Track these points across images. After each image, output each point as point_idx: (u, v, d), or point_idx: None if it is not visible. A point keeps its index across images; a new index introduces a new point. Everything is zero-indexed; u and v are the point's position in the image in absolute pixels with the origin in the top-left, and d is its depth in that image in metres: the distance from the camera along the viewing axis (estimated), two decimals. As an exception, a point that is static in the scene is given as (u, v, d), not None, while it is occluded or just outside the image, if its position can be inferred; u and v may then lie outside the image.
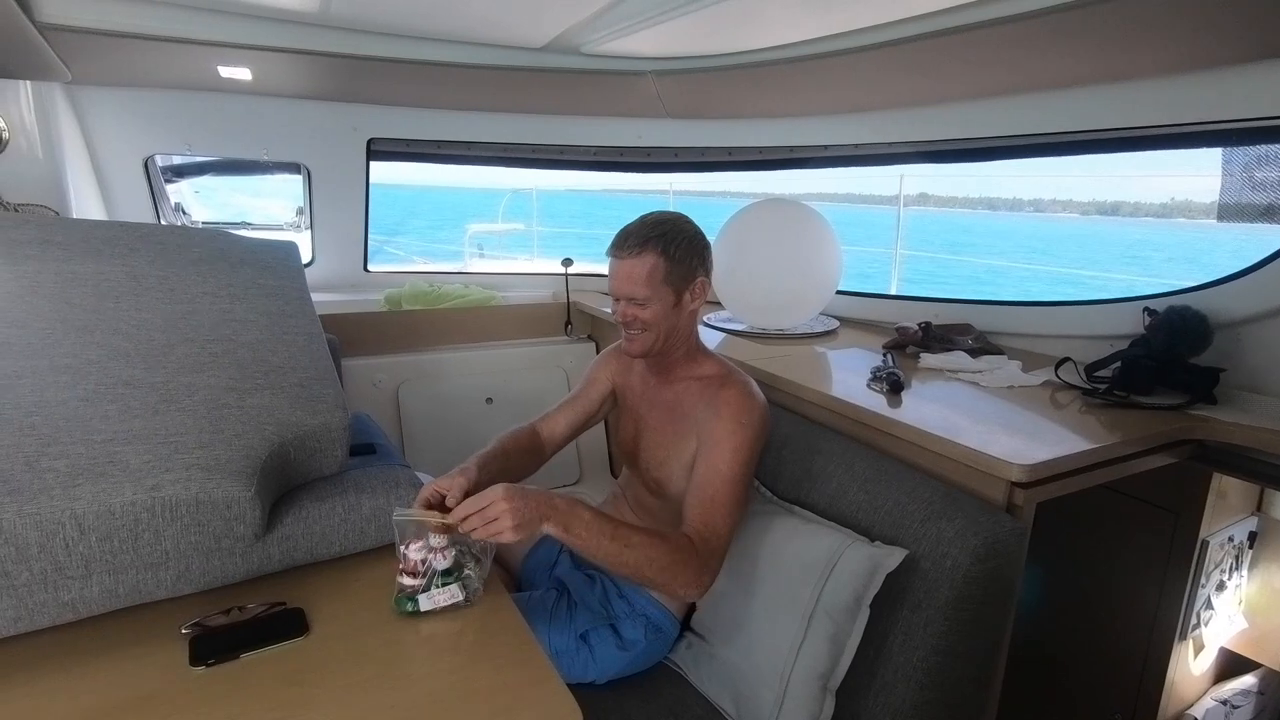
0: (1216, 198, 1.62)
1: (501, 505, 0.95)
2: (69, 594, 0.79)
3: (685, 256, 1.26)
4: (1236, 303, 1.53)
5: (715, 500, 1.15)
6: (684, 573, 1.07)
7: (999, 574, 1.08)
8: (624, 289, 1.27)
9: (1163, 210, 41.82)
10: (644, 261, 1.24)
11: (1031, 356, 1.82)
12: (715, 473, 1.18)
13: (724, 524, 1.14)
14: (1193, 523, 1.51)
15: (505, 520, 0.94)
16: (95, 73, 2.07)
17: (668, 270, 1.25)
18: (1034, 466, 1.13)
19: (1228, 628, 1.65)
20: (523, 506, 0.96)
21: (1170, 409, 1.42)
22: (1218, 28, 1.36)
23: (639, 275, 1.24)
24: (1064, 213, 55.22)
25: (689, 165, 2.84)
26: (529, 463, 1.41)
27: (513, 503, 0.95)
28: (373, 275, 2.83)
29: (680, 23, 1.71)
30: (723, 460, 1.19)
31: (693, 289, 1.29)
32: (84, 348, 1.01)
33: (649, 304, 1.26)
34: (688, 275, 1.28)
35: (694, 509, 1.15)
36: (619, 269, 1.27)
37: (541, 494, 1.01)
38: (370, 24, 1.89)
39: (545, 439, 1.45)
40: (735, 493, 1.17)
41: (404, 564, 0.91)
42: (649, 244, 1.24)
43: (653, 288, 1.25)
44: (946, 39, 1.58)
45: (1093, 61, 1.61)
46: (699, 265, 1.29)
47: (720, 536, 1.13)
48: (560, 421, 1.47)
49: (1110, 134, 1.74)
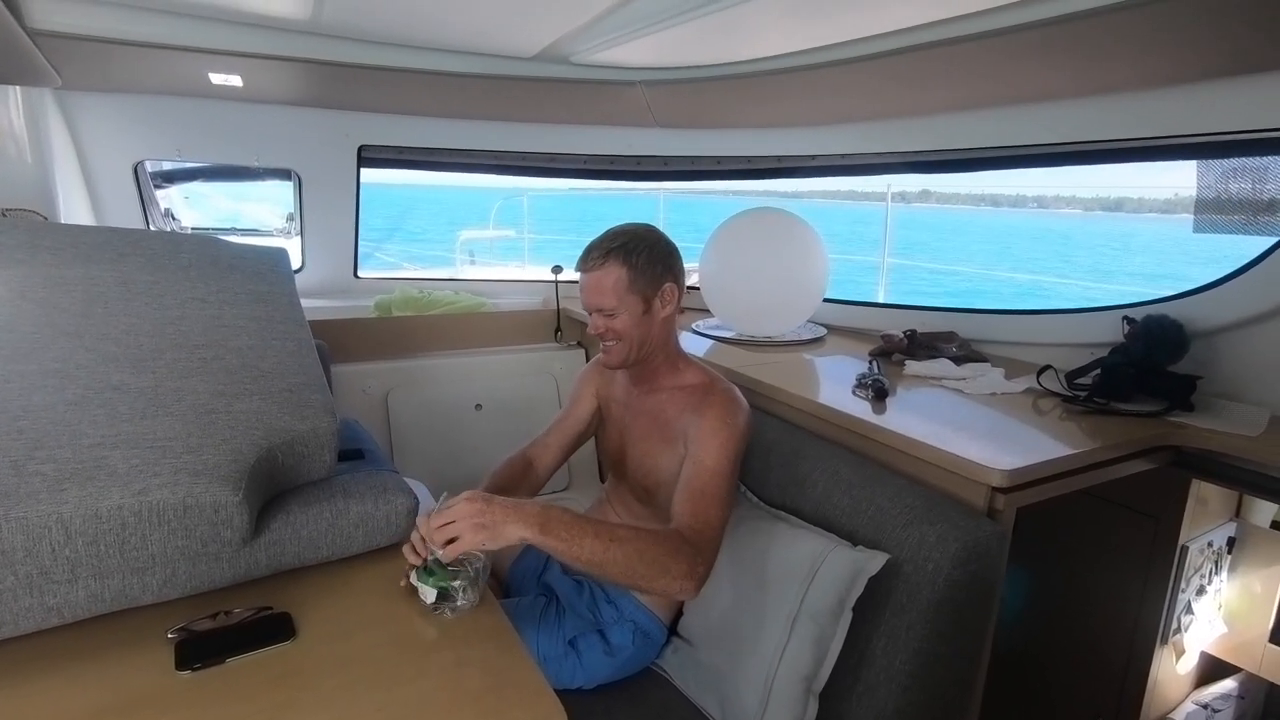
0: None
1: (460, 509, 0.95)
2: (54, 599, 0.79)
3: (648, 264, 1.29)
4: (1212, 312, 1.57)
5: (704, 493, 1.15)
6: (676, 565, 1.03)
7: (980, 577, 1.09)
8: (592, 301, 1.31)
9: (1166, 206, 41.65)
10: (608, 272, 1.28)
11: (1014, 364, 1.85)
12: (703, 468, 1.19)
13: (715, 516, 1.14)
14: (1173, 528, 1.53)
15: (463, 523, 0.94)
16: (86, 78, 2.07)
17: (632, 279, 1.28)
18: (1014, 471, 1.15)
19: (1208, 632, 1.67)
20: (484, 509, 0.95)
21: (1149, 415, 1.44)
22: (1195, 43, 1.39)
23: (605, 286, 1.28)
24: (1067, 209, 55.58)
25: (678, 174, 2.87)
26: (523, 492, 1.44)
27: (473, 505, 0.96)
28: (363, 281, 2.83)
29: (669, 34, 1.73)
30: (710, 456, 1.20)
31: (662, 295, 1.32)
32: (72, 352, 1.01)
33: (618, 314, 1.29)
34: (654, 282, 1.30)
35: (683, 504, 1.15)
36: (586, 282, 1.31)
37: (510, 500, 0.99)
38: (361, 32, 1.90)
39: (537, 464, 1.49)
40: (724, 486, 1.18)
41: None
42: (611, 255, 1.28)
43: (619, 297, 1.28)
44: (933, 52, 1.61)
45: (1074, 75, 1.64)
46: (665, 272, 1.32)
47: (712, 528, 1.12)
48: (551, 445, 1.51)
49: (1089, 146, 1.78)
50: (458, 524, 0.94)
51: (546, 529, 0.97)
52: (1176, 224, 36.58)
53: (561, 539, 0.98)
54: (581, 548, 0.98)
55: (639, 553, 1.02)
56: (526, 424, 2.45)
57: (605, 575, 1.03)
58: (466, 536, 0.93)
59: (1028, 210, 56.75)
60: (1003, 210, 56.51)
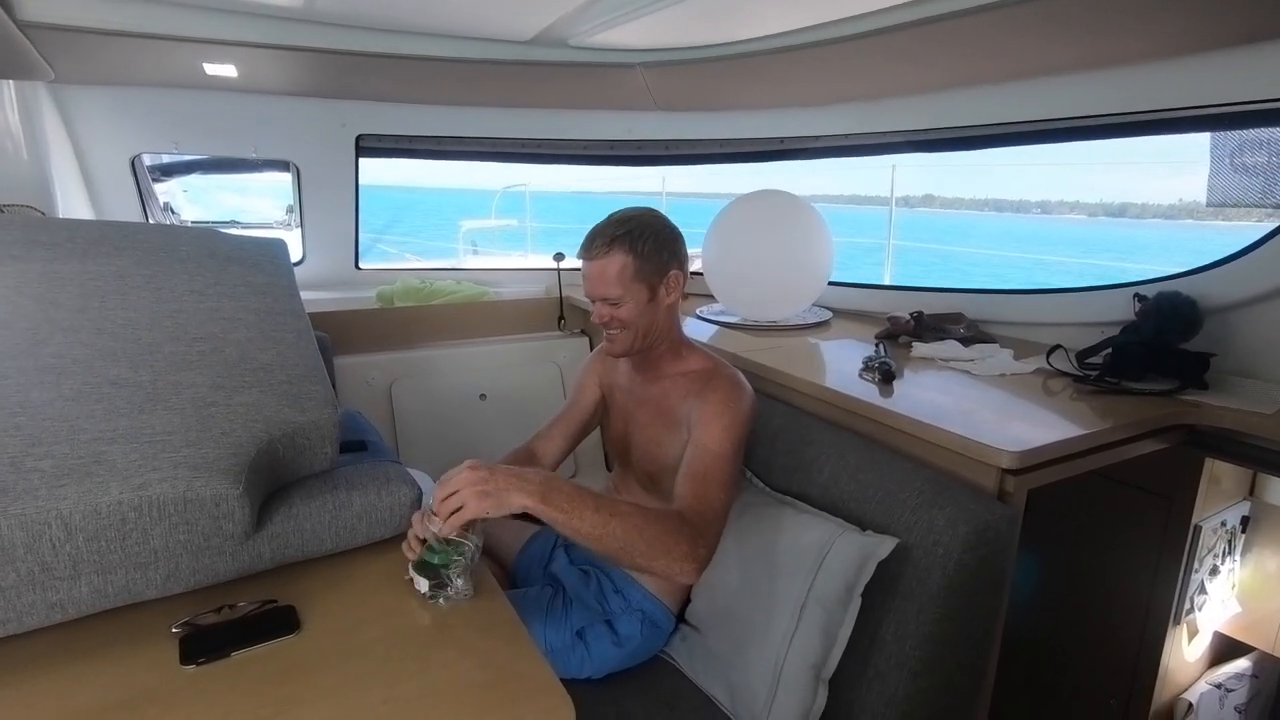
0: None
1: (463, 477, 0.93)
2: (57, 595, 0.78)
3: (654, 251, 1.26)
4: (1226, 288, 1.54)
5: (707, 475, 1.13)
6: (677, 545, 1.00)
7: (990, 561, 1.08)
8: (597, 290, 1.28)
9: (1170, 212, 41.60)
10: (613, 260, 1.24)
11: (1023, 344, 1.83)
12: (705, 450, 1.17)
13: (717, 499, 1.11)
14: (1186, 508, 1.51)
15: (466, 491, 0.92)
16: (79, 71, 2.05)
17: (638, 267, 1.25)
18: (1024, 453, 1.14)
19: (1221, 612, 1.66)
20: (487, 476, 0.93)
21: (1161, 394, 1.42)
22: (1205, 11, 1.36)
23: (610, 275, 1.25)
24: (1071, 214, 55.37)
25: (680, 158, 2.83)
26: None
27: (476, 472, 0.93)
28: (364, 273, 2.82)
29: (668, 14, 1.71)
30: (713, 439, 1.18)
31: (667, 283, 1.29)
32: (70, 347, 1.00)
33: (623, 302, 1.26)
34: (659, 270, 1.27)
35: (685, 485, 1.13)
36: (590, 270, 1.27)
37: (512, 468, 0.97)
38: (356, 19, 1.87)
39: (542, 458, 1.47)
40: (727, 469, 1.16)
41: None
42: (616, 242, 1.24)
43: (624, 286, 1.25)
44: (935, 26, 1.58)
45: (1081, 47, 1.61)
46: (670, 259, 1.29)
47: (714, 510, 1.10)
48: (556, 437, 1.50)
49: (1099, 120, 1.74)
50: (461, 493, 0.92)
51: (548, 498, 0.95)
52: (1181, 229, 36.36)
53: (562, 509, 0.96)
54: (582, 520, 0.96)
55: (638, 529, 0.98)
56: (531, 412, 2.44)
57: (604, 550, 0.99)
58: (471, 504, 0.91)
59: (1031, 215, 56.43)
60: (1005, 215, 56.21)
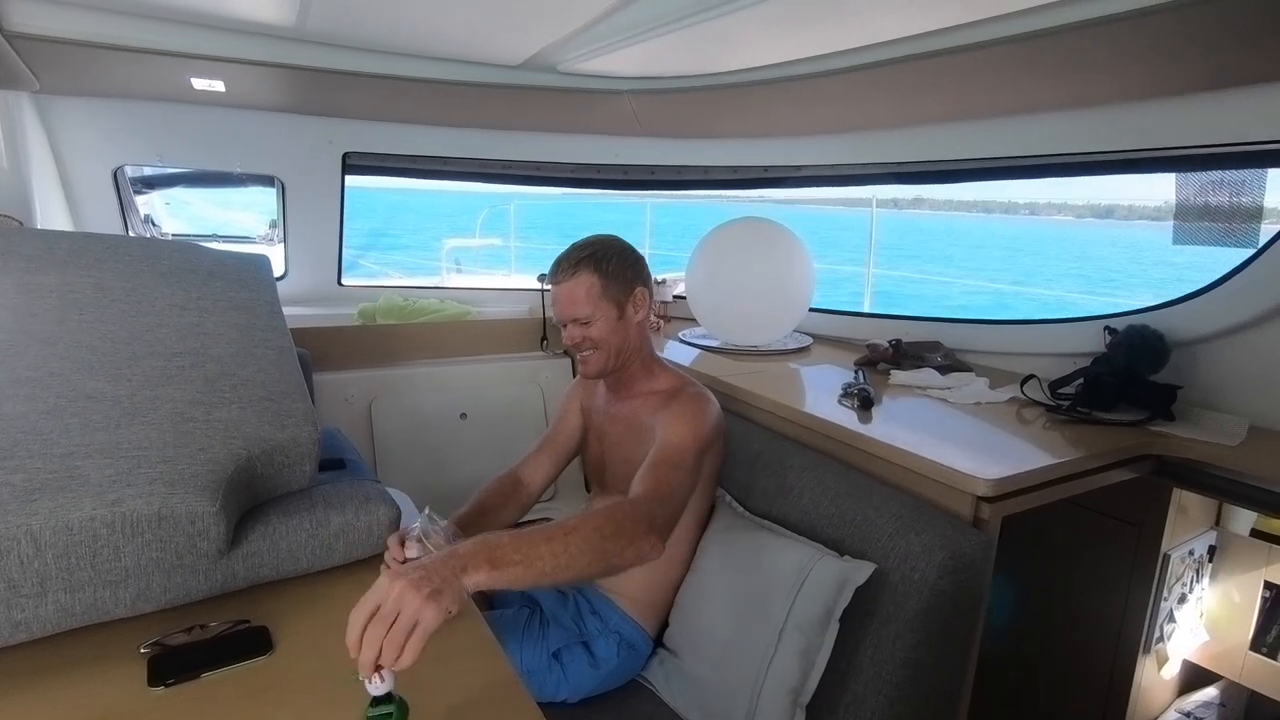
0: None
1: (395, 590, 0.71)
2: (22, 613, 0.76)
3: (619, 270, 1.33)
4: (1191, 323, 1.59)
5: (664, 462, 1.15)
6: (635, 527, 0.97)
7: (966, 586, 1.09)
8: (567, 311, 1.34)
9: (1157, 213, 42.27)
10: (581, 281, 1.31)
11: (998, 373, 1.86)
12: (664, 444, 1.20)
13: (674, 479, 1.12)
14: (1154, 536, 1.54)
15: (411, 603, 0.70)
16: (64, 82, 2.03)
17: (604, 285, 1.32)
18: (999, 480, 1.16)
19: (1190, 640, 1.68)
20: (422, 575, 0.73)
21: (1131, 425, 1.46)
22: (1177, 56, 1.41)
23: (579, 295, 1.31)
24: (1059, 215, 56.52)
25: (665, 184, 2.87)
26: (510, 513, 1.44)
27: (405, 578, 0.72)
28: (347, 289, 2.80)
29: (657, 43, 1.74)
30: (674, 434, 1.21)
31: (634, 300, 1.35)
32: (46, 360, 0.99)
33: (594, 321, 1.32)
34: (625, 287, 1.34)
35: (640, 476, 1.13)
36: (559, 294, 1.34)
37: (432, 555, 0.83)
38: (346, 39, 1.89)
39: (527, 483, 1.49)
40: (685, 460, 1.17)
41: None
42: (582, 264, 1.32)
43: (594, 304, 1.31)
44: (919, 64, 1.63)
45: (1058, 88, 1.67)
46: (635, 277, 1.36)
47: (669, 487, 1.09)
48: (542, 462, 1.52)
49: (1071, 158, 1.80)
50: (406, 610, 0.69)
51: (495, 559, 0.81)
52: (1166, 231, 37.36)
53: (514, 561, 0.82)
54: (540, 558, 0.85)
55: (597, 530, 0.93)
56: (512, 433, 2.43)
57: (577, 573, 0.91)
58: (428, 614, 0.69)
59: (1019, 216, 57.67)
60: (995, 216, 57.43)
